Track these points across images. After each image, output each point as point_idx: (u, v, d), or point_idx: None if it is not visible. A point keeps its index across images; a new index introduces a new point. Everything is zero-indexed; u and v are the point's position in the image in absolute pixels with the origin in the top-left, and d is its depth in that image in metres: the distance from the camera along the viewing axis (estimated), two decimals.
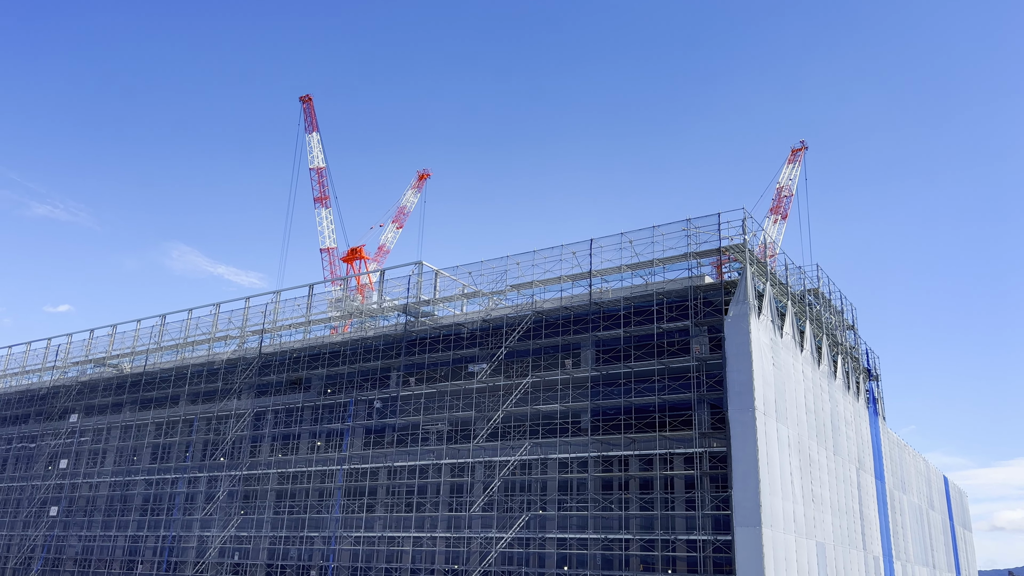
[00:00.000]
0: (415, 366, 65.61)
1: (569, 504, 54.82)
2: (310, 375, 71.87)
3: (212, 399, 77.80)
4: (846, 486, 61.82)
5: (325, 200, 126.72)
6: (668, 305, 54.32)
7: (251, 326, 78.33)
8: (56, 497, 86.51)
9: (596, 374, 55.73)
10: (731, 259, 54.51)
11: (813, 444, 56.41)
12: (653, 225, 55.77)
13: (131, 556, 77.68)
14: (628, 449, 53.31)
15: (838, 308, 69.36)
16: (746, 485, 46.77)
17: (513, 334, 60.03)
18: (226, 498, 72.37)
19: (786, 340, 55.58)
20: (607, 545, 52.37)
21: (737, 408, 48.48)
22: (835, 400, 63.62)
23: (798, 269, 62.69)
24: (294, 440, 71.22)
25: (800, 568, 49.65)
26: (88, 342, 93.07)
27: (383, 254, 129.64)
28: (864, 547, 63.03)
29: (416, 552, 60.43)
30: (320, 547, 65.57)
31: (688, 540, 49.44)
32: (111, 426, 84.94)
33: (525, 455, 56.94)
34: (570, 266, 58.94)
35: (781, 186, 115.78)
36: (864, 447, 69.35)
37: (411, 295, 67.24)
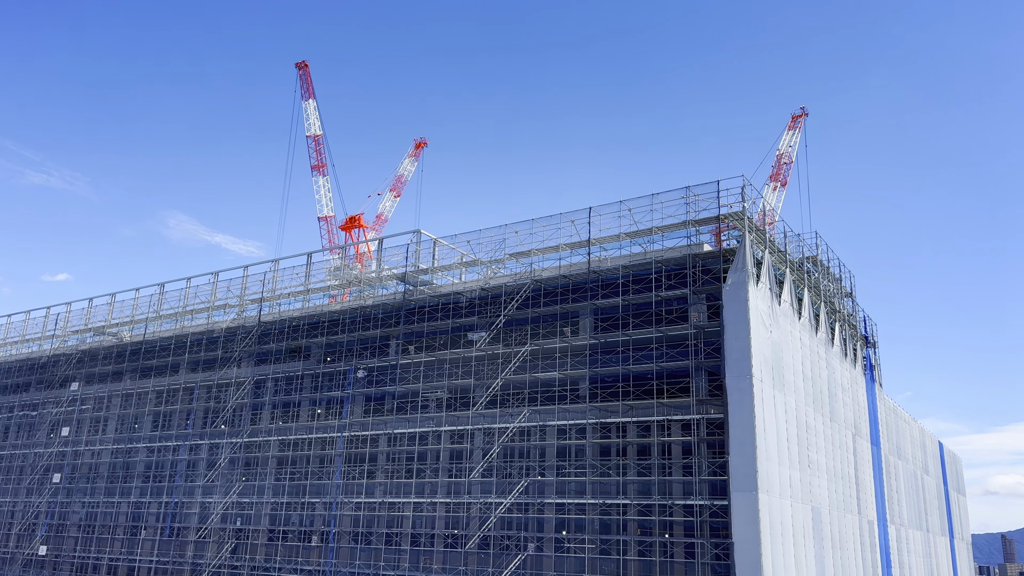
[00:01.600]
0: (414, 334, 65.79)
1: (567, 470, 55.36)
2: (309, 343, 72.08)
3: (212, 367, 78.09)
4: (842, 452, 62.40)
5: (322, 168, 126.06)
6: (667, 273, 54.36)
7: (250, 295, 78.38)
8: (59, 464, 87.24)
9: (594, 342, 55.94)
10: (730, 227, 54.41)
11: (810, 411, 56.84)
12: (652, 193, 55.63)
13: (134, 522, 78.57)
14: (626, 416, 53.72)
15: (836, 275, 69.42)
16: (743, 451, 47.24)
17: (512, 302, 60.11)
18: (227, 465, 73.00)
19: (784, 308, 55.72)
20: (605, 510, 53.00)
21: (735, 375, 48.76)
22: (832, 367, 63.97)
23: (797, 237, 62.66)
24: (294, 408, 71.67)
25: (796, 532, 50.33)
26: (87, 311, 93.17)
27: (381, 223, 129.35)
28: (859, 512, 63.83)
29: (416, 517, 61.15)
30: (321, 513, 66.31)
31: (685, 505, 50.05)
32: (112, 394, 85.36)
33: (524, 422, 57.37)
34: (569, 234, 58.86)
35: (781, 153, 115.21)
36: (860, 413, 69.89)
37: (410, 264, 67.20)
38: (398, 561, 60.71)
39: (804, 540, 51.56)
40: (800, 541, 50.85)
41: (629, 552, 51.40)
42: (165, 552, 74.55)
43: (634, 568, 51.00)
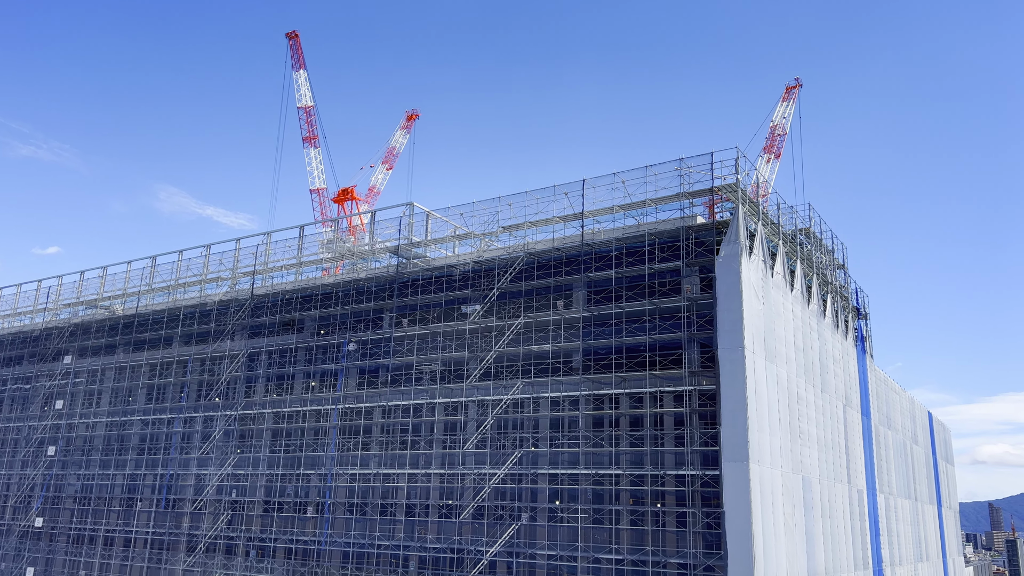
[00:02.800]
0: (408, 307, 65.84)
1: (561, 441, 55.80)
2: (303, 316, 72.08)
3: (205, 340, 78.09)
4: (832, 422, 63.01)
5: (314, 140, 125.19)
6: (660, 245, 54.40)
7: (242, 268, 78.19)
8: (53, 437, 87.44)
9: (588, 314, 56.10)
10: (723, 199, 54.39)
11: (801, 382, 57.28)
12: (646, 165, 55.49)
13: (130, 494, 79.02)
14: (619, 388, 54.07)
15: (829, 247, 69.58)
16: (734, 422, 47.66)
17: (505, 275, 60.13)
18: (222, 437, 73.32)
19: (777, 279, 55.90)
20: (598, 480, 53.53)
21: (727, 347, 49.04)
22: (824, 338, 64.35)
23: (790, 208, 62.67)
24: (288, 380, 71.85)
25: (786, 501, 50.95)
26: (79, 284, 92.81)
27: (373, 195, 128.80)
28: (848, 481, 64.60)
29: (411, 488, 61.66)
30: (316, 484, 66.78)
31: (677, 475, 50.57)
32: (105, 367, 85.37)
33: (517, 394, 57.68)
34: (562, 207, 58.76)
35: (775, 124, 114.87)
36: (851, 384, 70.46)
37: (403, 237, 67.04)
38: (393, 531, 61.32)
39: (794, 509, 52.23)
40: (790, 510, 51.52)
41: (621, 521, 52.02)
42: (161, 523, 75.10)
43: (626, 537, 51.64)
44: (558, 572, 53.60)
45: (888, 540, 73.75)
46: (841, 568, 59.31)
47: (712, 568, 47.70)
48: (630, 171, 56.08)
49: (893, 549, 75.03)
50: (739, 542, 45.96)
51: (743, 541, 45.85)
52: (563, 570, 53.45)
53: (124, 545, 77.70)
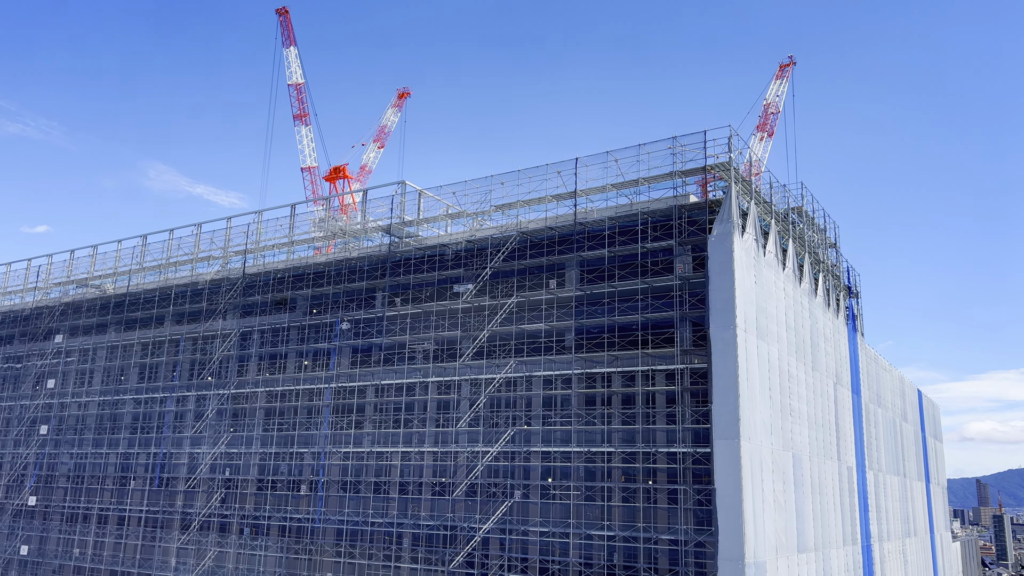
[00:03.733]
0: (400, 287, 65.78)
1: (553, 419, 56.06)
2: (295, 295, 71.94)
3: (197, 319, 77.90)
4: (823, 400, 63.46)
5: (305, 117, 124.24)
6: (653, 224, 54.39)
7: (234, 246, 77.82)
8: (46, 416, 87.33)
9: (580, 294, 56.16)
10: (716, 178, 54.33)
11: (792, 360, 57.59)
12: (639, 143, 55.32)
13: (123, 472, 79.13)
14: (611, 366, 54.27)
15: (821, 226, 69.71)
16: (726, 400, 47.96)
17: (498, 254, 60.06)
18: (215, 416, 73.38)
19: (769, 258, 56.01)
20: (590, 458, 53.87)
21: (719, 326, 49.22)
22: (815, 317, 64.63)
23: (783, 187, 62.66)
24: (281, 359, 71.80)
25: (776, 478, 51.42)
26: (69, 263, 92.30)
27: (365, 174, 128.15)
28: (838, 458, 65.20)
29: (404, 466, 61.94)
30: (310, 462, 67.00)
31: (668, 453, 50.94)
32: (97, 346, 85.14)
33: (510, 373, 57.84)
34: (555, 185, 58.62)
35: (768, 103, 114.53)
36: (842, 362, 70.89)
37: (395, 216, 66.80)
38: (386, 509, 61.66)
39: (784, 486, 52.73)
40: (780, 487, 52.00)
41: (613, 499, 52.42)
42: (155, 502, 75.31)
43: (618, 514, 52.08)
44: (550, 548, 54.07)
45: (877, 516, 74.60)
46: (830, 543, 60.02)
47: (703, 544, 48.19)
48: (623, 149, 55.97)
49: (881, 525, 75.92)
50: (729, 518, 46.42)
51: (733, 517, 46.31)
52: (555, 547, 53.92)
53: (118, 523, 77.94)
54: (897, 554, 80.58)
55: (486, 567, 56.04)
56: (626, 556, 51.15)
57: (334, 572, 62.92)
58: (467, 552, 56.47)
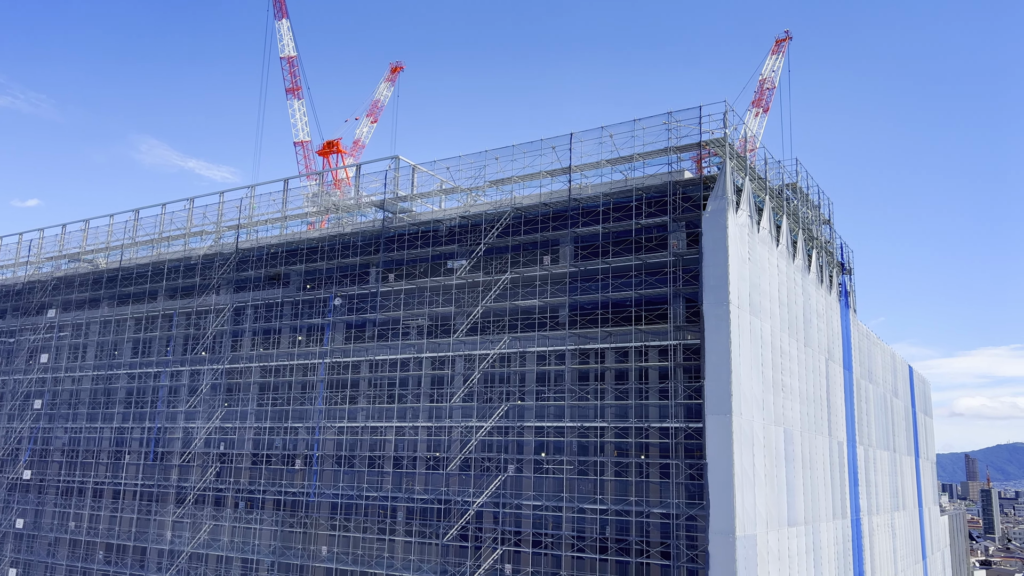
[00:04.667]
0: (394, 262, 65.70)
1: (547, 395, 56.36)
2: (288, 271, 71.81)
3: (190, 294, 77.77)
4: (815, 376, 63.88)
5: (297, 91, 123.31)
6: (647, 200, 54.32)
7: (226, 221, 77.49)
8: (39, 391, 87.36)
9: (574, 270, 56.20)
10: (711, 153, 54.21)
11: (785, 336, 57.88)
12: (634, 119, 55.07)
13: (118, 447, 79.37)
14: (604, 342, 54.47)
15: (815, 202, 69.70)
16: (718, 375, 48.26)
17: (492, 230, 59.97)
18: (209, 391, 73.51)
19: (763, 235, 56.07)
20: (583, 433, 54.24)
21: (712, 302, 49.39)
22: (808, 293, 64.86)
23: (777, 163, 62.57)
24: (275, 334, 71.86)
25: (767, 453, 51.90)
26: (61, 237, 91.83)
27: (358, 148, 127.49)
28: (829, 433, 65.78)
29: (399, 441, 62.29)
30: (304, 437, 67.30)
31: (661, 427, 51.32)
32: (90, 321, 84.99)
33: (504, 349, 58.01)
34: (549, 161, 58.37)
35: (764, 78, 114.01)
36: (834, 339, 71.28)
37: (388, 191, 66.53)
38: (381, 483, 62.08)
39: (775, 460, 53.23)
40: (771, 461, 52.50)
41: (606, 473, 52.87)
42: (150, 476, 75.64)
43: (610, 488, 52.56)
44: (543, 522, 54.61)
45: (866, 490, 75.45)
46: (820, 517, 60.74)
47: (694, 518, 48.72)
48: (618, 125, 55.71)
49: (871, 499, 76.82)
50: (721, 492, 46.90)
51: (725, 491, 46.79)
52: (548, 520, 54.45)
53: (113, 497, 78.32)
54: (886, 527, 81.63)
55: (480, 540, 56.60)
56: (618, 529, 51.70)
57: (329, 545, 63.47)
58: (461, 525, 56.99)
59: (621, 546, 51.34)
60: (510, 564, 55.13)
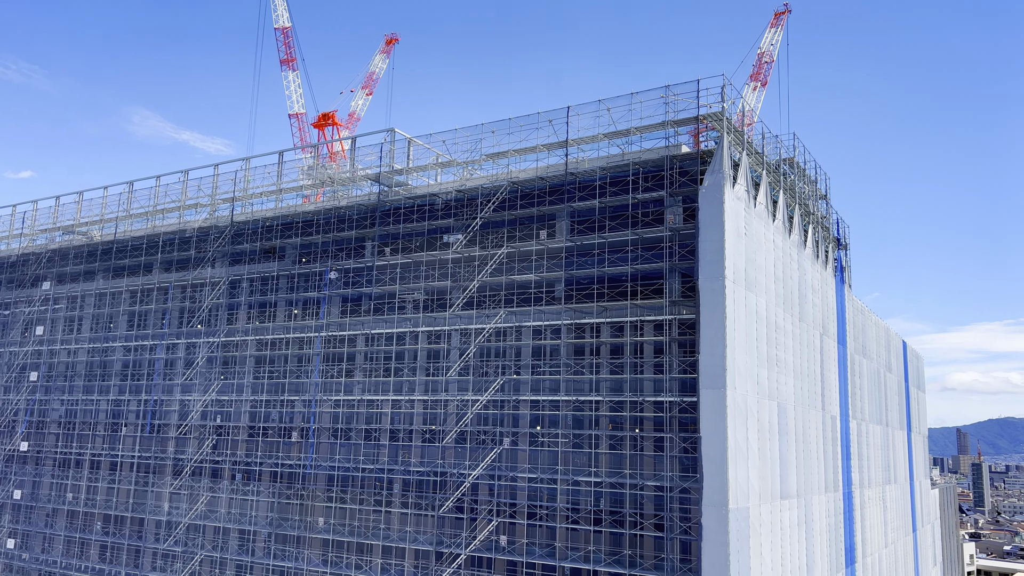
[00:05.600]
0: (390, 236, 65.56)
1: (542, 369, 56.57)
2: (284, 244, 71.63)
3: (185, 267, 77.62)
4: (809, 351, 64.18)
5: (292, 62, 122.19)
6: (644, 175, 54.16)
7: (221, 194, 77.14)
8: (35, 363, 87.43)
9: (571, 244, 56.15)
10: (709, 127, 53.96)
11: (779, 311, 58.05)
12: (631, 92, 54.73)
13: (115, 419, 79.64)
14: (600, 317, 54.59)
15: (812, 177, 69.57)
16: (713, 350, 48.46)
17: (488, 204, 59.80)
18: (205, 364, 73.64)
19: (759, 210, 56.01)
20: (578, 407, 54.55)
21: (707, 277, 49.45)
22: (803, 269, 64.96)
23: (775, 138, 62.33)
24: (271, 308, 71.85)
25: (761, 426, 52.29)
26: (54, 209, 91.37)
27: (354, 121, 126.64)
28: (823, 407, 66.25)
29: (395, 414, 62.59)
30: (301, 410, 67.58)
31: (656, 401, 51.62)
32: (85, 294, 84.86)
33: (500, 323, 58.12)
34: (546, 135, 58.06)
35: (762, 51, 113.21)
36: (829, 314, 71.52)
37: (384, 164, 66.20)
38: (377, 455, 62.48)
39: (769, 434, 53.65)
40: (765, 435, 52.92)
41: (600, 446, 53.26)
42: (147, 447, 76.00)
43: (605, 461, 52.98)
44: (538, 494, 55.09)
45: (858, 464, 76.18)
46: (812, 490, 61.36)
47: (687, 490, 49.19)
48: (615, 98, 55.38)
49: (863, 472, 77.58)
50: (714, 465, 47.32)
51: (718, 464, 47.21)
52: (543, 492, 54.93)
53: (111, 468, 78.73)
54: (877, 500, 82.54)
55: (475, 512, 57.12)
56: (612, 501, 52.19)
57: (325, 516, 64.00)
58: (456, 497, 57.47)
59: (615, 518, 51.87)
60: (505, 535, 55.71)
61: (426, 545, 58.16)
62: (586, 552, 52.44)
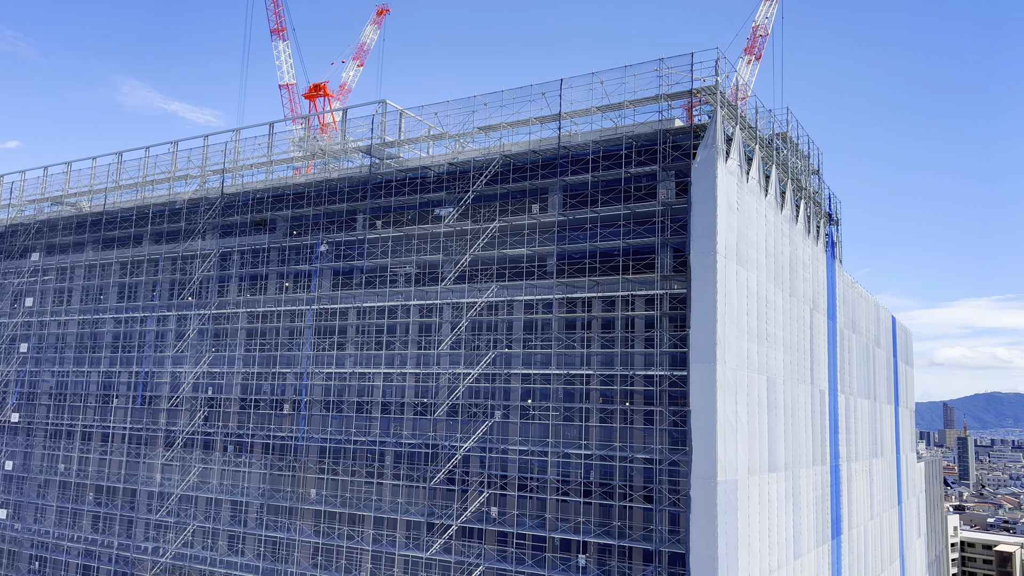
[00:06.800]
0: (381, 209, 65.27)
1: (534, 343, 56.74)
2: (275, 216, 71.27)
3: (176, 239, 77.20)
4: (799, 326, 64.51)
5: (282, 32, 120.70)
6: (637, 149, 53.96)
7: (211, 165, 76.53)
8: (25, 334, 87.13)
9: (563, 219, 56.04)
10: (702, 102, 53.69)
11: (770, 286, 58.24)
12: (625, 65, 54.35)
13: (106, 391, 79.61)
14: (592, 291, 54.67)
15: (804, 152, 69.45)
16: (703, 325, 48.65)
17: (480, 178, 59.53)
18: (196, 336, 73.54)
19: (751, 184, 55.95)
20: (569, 380, 54.81)
21: (699, 252, 49.50)
22: (795, 244, 65.08)
23: (768, 112, 62.08)
24: (262, 280, 71.65)
25: (750, 400, 52.68)
26: (43, 179, 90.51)
27: (344, 93, 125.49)
28: (812, 382, 66.75)
29: (387, 387, 62.76)
30: (292, 383, 67.68)
31: (646, 376, 51.91)
32: (74, 265, 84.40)
33: (492, 297, 58.14)
34: (539, 107, 57.70)
35: (757, 25, 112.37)
36: (819, 289, 71.80)
37: (375, 136, 65.71)
38: (369, 428, 62.75)
39: (758, 408, 54.07)
40: (754, 409, 53.33)
41: (591, 419, 53.62)
42: (138, 419, 76.10)
43: (595, 434, 53.36)
44: (529, 466, 55.52)
45: (846, 437, 76.95)
46: (800, 463, 62.02)
47: (677, 463, 49.64)
48: (608, 71, 55.00)
49: (850, 446, 78.40)
50: (703, 439, 47.73)
51: (707, 438, 47.62)
52: (534, 464, 55.36)
53: (102, 440, 78.85)
54: (864, 473, 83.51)
55: (466, 484, 57.55)
56: (602, 474, 52.64)
57: (317, 488, 64.38)
58: (448, 469, 57.87)
59: (605, 490, 52.36)
60: (496, 507, 56.20)
61: (417, 516, 58.63)
62: (576, 523, 52.99)
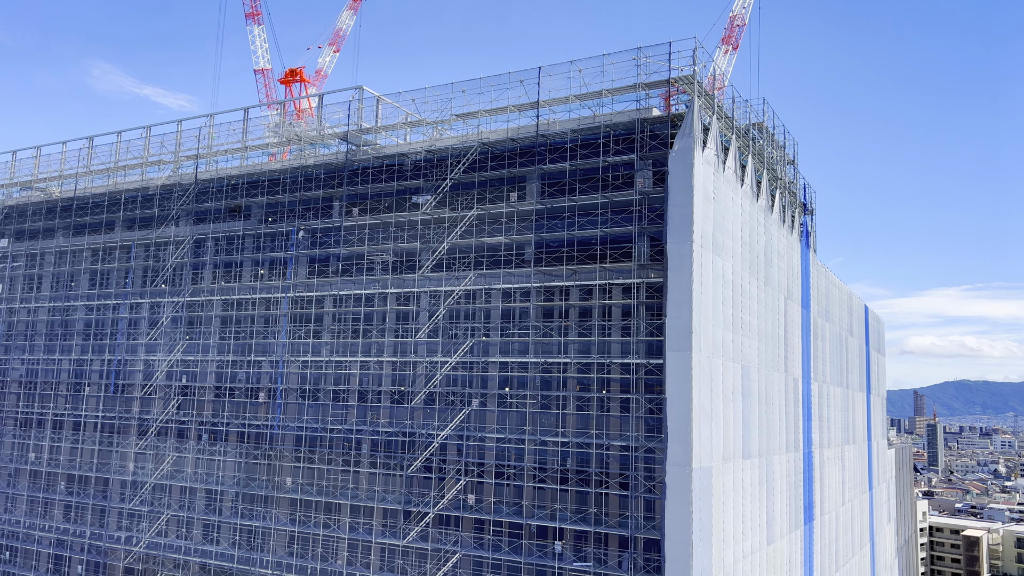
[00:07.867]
0: (358, 196, 64.84)
1: (511, 331, 56.80)
2: (250, 203, 70.53)
3: (149, 225, 76.17)
4: (773, 314, 65.15)
5: (257, 16, 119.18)
6: (614, 138, 54.03)
7: (185, 151, 75.52)
8: None
9: (541, 207, 56.04)
10: (680, 91, 53.84)
11: (746, 275, 58.72)
12: (603, 54, 54.32)
13: (77, 379, 78.57)
14: (569, 280, 54.79)
15: (780, 143, 69.93)
16: (679, 313, 48.98)
17: (458, 165, 59.31)
18: (170, 324, 72.74)
19: (728, 174, 56.28)
20: (546, 368, 54.96)
21: (676, 241, 49.76)
22: (770, 233, 65.62)
23: (745, 102, 62.42)
24: (236, 267, 70.96)
25: (725, 388, 53.19)
26: (11, 164, 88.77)
27: (321, 78, 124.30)
28: (785, 370, 67.50)
29: (363, 375, 62.54)
30: (268, 371, 67.22)
31: (623, 364, 52.19)
32: (44, 251, 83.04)
33: (470, 285, 58.07)
34: (517, 95, 57.51)
35: (734, 15, 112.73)
36: (794, 278, 72.51)
37: (352, 122, 65.16)
38: (345, 416, 62.54)
39: (733, 396, 54.62)
40: (729, 397, 53.86)
41: (568, 407, 53.84)
42: (111, 407, 75.22)
43: (572, 421, 53.61)
44: (506, 454, 55.68)
45: (819, 424, 77.99)
46: (773, 450, 62.78)
47: (652, 450, 50.03)
48: (587, 59, 54.94)
49: (823, 433, 79.48)
50: (679, 426, 48.14)
51: (682, 425, 48.03)
52: (511, 452, 55.53)
53: (74, 428, 77.89)
54: (836, 460, 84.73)
55: (444, 471, 57.62)
56: (579, 461, 52.95)
57: (293, 476, 64.13)
58: (425, 457, 57.88)
59: (581, 477, 52.67)
60: (473, 494, 56.35)
61: (394, 504, 58.62)
62: (552, 510, 53.29)
